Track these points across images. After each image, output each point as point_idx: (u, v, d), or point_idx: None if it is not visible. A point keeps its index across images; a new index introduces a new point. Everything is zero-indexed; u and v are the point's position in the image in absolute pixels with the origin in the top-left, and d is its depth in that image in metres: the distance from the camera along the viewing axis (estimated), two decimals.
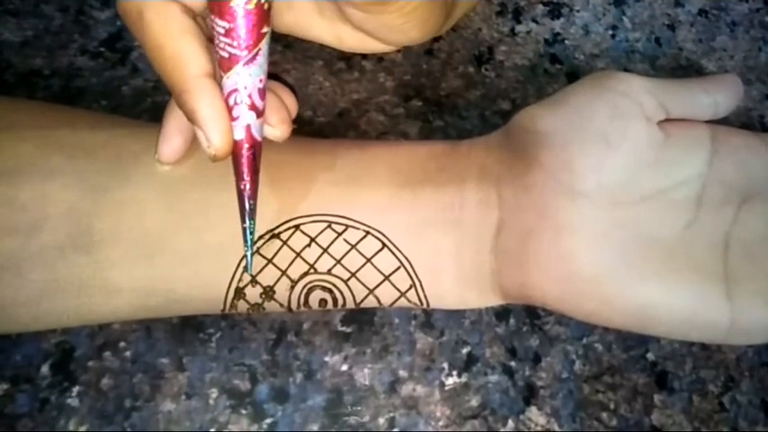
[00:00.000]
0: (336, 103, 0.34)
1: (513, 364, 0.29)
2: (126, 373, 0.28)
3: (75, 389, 0.28)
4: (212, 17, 0.22)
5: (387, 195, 0.28)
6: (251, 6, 0.22)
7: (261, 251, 0.27)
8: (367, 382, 0.29)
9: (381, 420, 0.28)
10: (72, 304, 0.26)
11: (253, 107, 0.23)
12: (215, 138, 0.23)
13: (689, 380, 0.30)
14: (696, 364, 0.30)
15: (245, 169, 0.24)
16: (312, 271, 0.27)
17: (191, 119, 0.23)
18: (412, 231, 0.27)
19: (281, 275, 0.27)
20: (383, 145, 0.30)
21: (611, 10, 0.37)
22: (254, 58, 0.23)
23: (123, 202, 0.26)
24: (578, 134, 0.27)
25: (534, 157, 0.27)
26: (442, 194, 0.28)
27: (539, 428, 0.28)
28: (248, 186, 0.24)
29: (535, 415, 0.29)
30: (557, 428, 0.28)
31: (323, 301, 0.28)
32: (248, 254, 0.25)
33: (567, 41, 0.36)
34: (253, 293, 0.27)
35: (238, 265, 0.27)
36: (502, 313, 0.30)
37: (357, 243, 0.27)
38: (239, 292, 0.27)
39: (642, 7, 0.37)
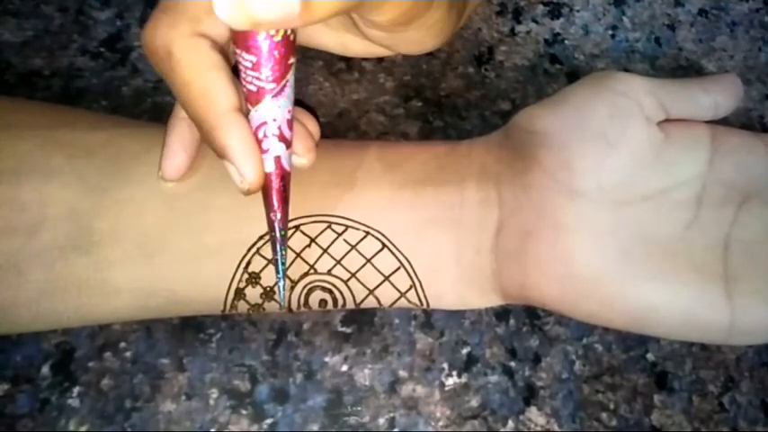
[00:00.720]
0: (336, 103, 0.34)
1: (512, 364, 0.29)
2: (126, 373, 0.28)
3: (76, 389, 0.28)
4: (238, 51, 0.22)
5: (387, 196, 0.28)
6: (278, 39, 0.21)
7: (261, 252, 0.27)
8: (367, 383, 0.29)
9: (381, 421, 0.28)
10: (72, 304, 0.26)
11: (282, 138, 0.23)
12: (248, 172, 0.23)
13: (689, 380, 0.30)
14: (696, 365, 0.30)
15: (275, 201, 0.24)
16: (312, 271, 0.27)
17: (221, 154, 0.23)
18: (412, 231, 0.27)
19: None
20: (383, 145, 0.30)
21: (611, 10, 0.37)
22: (282, 90, 0.22)
23: (123, 202, 0.26)
24: (578, 134, 0.27)
25: (534, 157, 0.27)
26: (442, 194, 0.28)
27: (539, 429, 0.28)
28: (279, 216, 0.24)
29: (535, 415, 0.29)
30: (556, 429, 0.28)
31: (323, 302, 0.28)
32: (281, 284, 0.25)
33: (566, 41, 0.36)
34: (253, 294, 0.27)
35: (238, 265, 0.27)
36: (502, 314, 0.30)
37: (357, 243, 0.27)
38: (239, 293, 0.27)
39: (642, 7, 0.37)
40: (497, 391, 0.29)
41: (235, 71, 0.23)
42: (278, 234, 0.24)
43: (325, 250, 0.27)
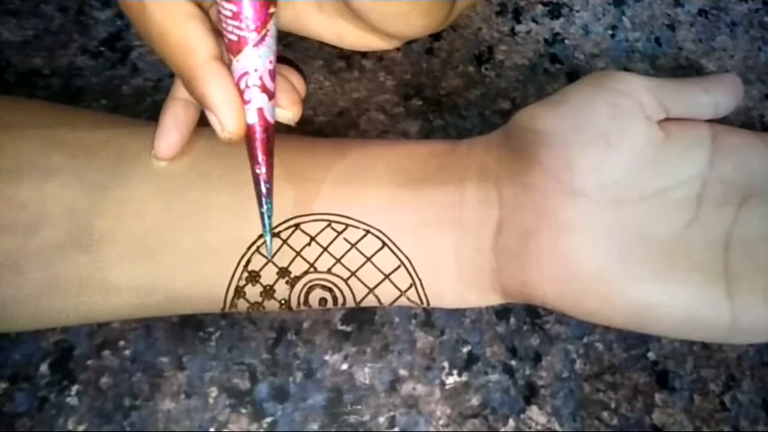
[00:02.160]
0: (336, 102, 0.34)
1: (513, 363, 0.29)
2: (125, 371, 0.28)
3: (75, 388, 0.28)
4: (219, 1, 0.22)
5: (387, 194, 0.28)
6: None
7: (260, 250, 0.27)
8: (367, 381, 0.29)
9: (381, 419, 0.28)
10: (71, 303, 0.26)
11: (264, 89, 0.23)
12: (228, 121, 0.23)
13: (690, 379, 0.30)
14: (697, 363, 0.30)
15: (260, 153, 0.24)
16: (312, 270, 0.27)
17: (202, 104, 0.23)
18: (412, 230, 0.27)
19: (282, 274, 0.27)
20: (383, 144, 0.30)
21: (611, 10, 0.37)
22: (262, 39, 0.22)
23: (123, 201, 0.26)
24: (578, 133, 0.27)
25: (534, 156, 0.27)
26: (442, 193, 0.28)
27: (539, 428, 0.28)
28: (264, 170, 0.24)
29: (536, 414, 0.28)
30: (557, 428, 0.28)
31: (323, 300, 0.28)
32: (267, 237, 0.25)
33: (566, 41, 0.36)
34: (253, 292, 0.27)
35: (238, 263, 0.27)
36: (502, 312, 0.30)
37: (357, 242, 0.27)
38: (239, 291, 0.27)
39: (642, 7, 0.37)
40: (498, 389, 0.29)
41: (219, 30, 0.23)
42: (263, 187, 0.24)
43: (325, 249, 0.27)
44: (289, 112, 0.26)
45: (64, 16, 0.34)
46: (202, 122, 0.32)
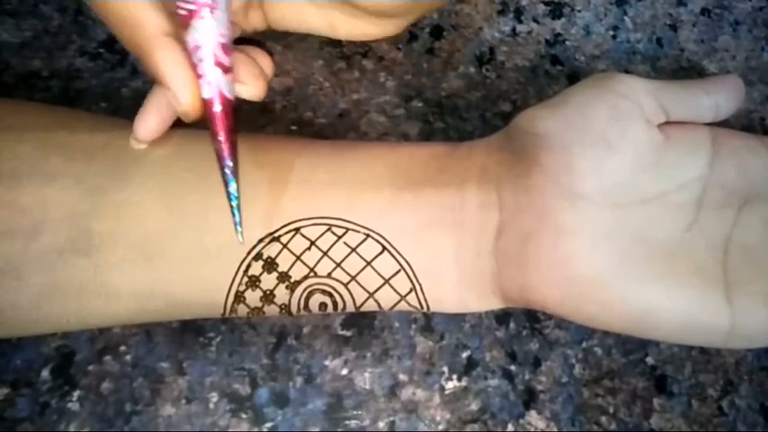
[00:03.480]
0: (336, 103, 0.34)
1: (512, 368, 0.29)
2: (126, 377, 0.28)
3: (76, 393, 0.28)
4: None
5: (387, 197, 0.28)
6: None
7: (261, 255, 0.27)
8: (367, 386, 0.29)
9: (381, 424, 0.28)
10: (72, 308, 0.26)
11: (218, 63, 0.23)
12: (182, 94, 0.23)
13: (688, 384, 0.30)
14: (695, 368, 0.30)
15: (219, 128, 0.24)
16: (312, 274, 0.27)
17: (157, 80, 0.23)
18: (412, 234, 0.27)
19: (282, 279, 0.27)
20: (383, 146, 0.30)
21: (613, 10, 0.37)
22: (211, 12, 0.23)
23: (123, 204, 0.26)
24: (578, 136, 0.26)
25: (534, 159, 0.27)
26: (442, 196, 0.28)
27: None
28: (225, 146, 0.24)
29: (535, 419, 0.29)
30: None
31: (323, 305, 0.28)
32: (236, 220, 0.25)
33: (567, 42, 0.36)
34: (253, 297, 0.27)
35: (238, 268, 0.27)
36: (502, 317, 0.30)
37: (357, 246, 0.27)
38: (239, 296, 0.27)
39: (644, 7, 0.37)
40: (497, 394, 0.29)
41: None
42: (226, 164, 0.24)
43: (325, 253, 0.27)
44: (251, 87, 0.26)
45: (62, 17, 0.34)
46: (203, 126, 0.32)
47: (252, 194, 0.27)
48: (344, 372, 0.29)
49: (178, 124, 0.32)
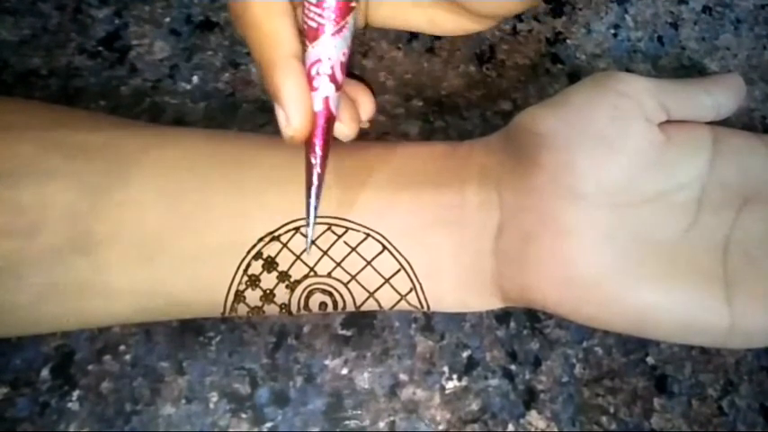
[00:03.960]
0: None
1: (513, 367, 0.29)
2: (126, 376, 0.28)
3: (76, 393, 0.28)
4: None
5: (387, 197, 0.28)
6: None
7: (261, 254, 0.27)
8: (367, 386, 0.29)
9: (381, 424, 0.28)
10: (72, 307, 0.26)
11: (333, 79, 0.24)
12: (295, 117, 0.23)
13: (688, 384, 0.30)
14: (695, 368, 0.30)
15: (319, 140, 0.24)
16: (312, 274, 0.27)
17: (274, 96, 0.24)
18: (412, 233, 0.27)
19: (282, 278, 0.27)
20: (383, 146, 0.30)
21: (614, 8, 0.36)
22: (340, 30, 0.23)
23: (122, 203, 0.26)
24: (579, 135, 0.26)
25: (535, 158, 0.27)
26: (442, 196, 0.28)
27: None
28: (319, 159, 0.24)
29: (535, 419, 0.29)
30: None
31: (323, 305, 0.28)
32: (309, 229, 0.25)
33: (568, 41, 0.35)
34: (253, 297, 0.27)
35: (238, 267, 0.27)
36: (502, 317, 0.30)
37: (357, 245, 0.27)
38: (239, 296, 0.27)
39: (645, 5, 0.37)
40: (498, 394, 0.29)
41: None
42: (314, 176, 0.24)
43: (325, 252, 0.27)
44: (346, 129, 0.26)
45: (61, 15, 0.34)
46: (204, 125, 0.32)
47: (252, 193, 0.27)
48: (344, 371, 0.29)
49: (178, 124, 0.32)
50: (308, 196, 0.25)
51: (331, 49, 0.23)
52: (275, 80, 0.23)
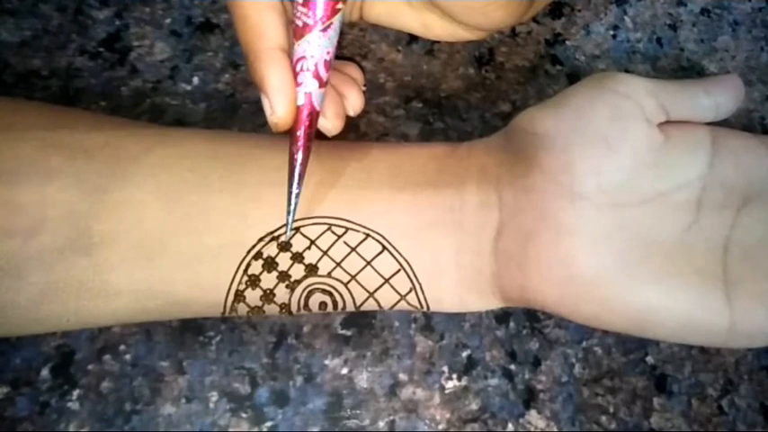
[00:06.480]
0: None
1: (512, 367, 0.29)
2: (126, 376, 0.28)
3: (76, 392, 0.28)
4: None
5: (387, 197, 0.28)
6: None
7: (261, 254, 0.27)
8: (367, 386, 0.29)
9: (381, 424, 0.28)
10: (72, 307, 0.26)
11: (317, 76, 0.25)
12: (279, 106, 0.24)
13: (688, 383, 0.30)
14: (695, 368, 0.30)
15: (301, 134, 0.25)
16: (312, 274, 0.27)
17: (260, 86, 0.25)
18: (412, 234, 0.27)
19: (282, 278, 0.27)
20: (383, 147, 0.30)
21: (613, 9, 0.37)
22: (325, 29, 0.24)
23: (122, 203, 0.26)
24: (578, 136, 0.26)
25: (534, 159, 0.27)
26: (441, 196, 0.28)
27: None
28: (301, 153, 0.25)
29: (535, 418, 0.29)
30: None
31: (323, 304, 0.28)
32: (289, 218, 0.26)
33: (567, 42, 0.36)
34: (253, 296, 0.27)
35: (238, 267, 0.27)
36: (502, 316, 0.30)
37: (357, 246, 0.27)
38: (239, 295, 0.27)
39: (644, 6, 0.37)
40: (497, 394, 0.29)
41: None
42: (297, 168, 0.25)
43: (325, 252, 0.27)
44: (328, 124, 0.27)
45: (62, 16, 0.34)
46: (204, 125, 0.32)
47: (252, 194, 0.27)
48: (344, 371, 0.29)
49: (179, 124, 0.33)
50: (290, 186, 0.25)
51: (315, 48, 0.25)
52: (260, 70, 0.24)
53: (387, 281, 0.27)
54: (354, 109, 0.28)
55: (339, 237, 0.27)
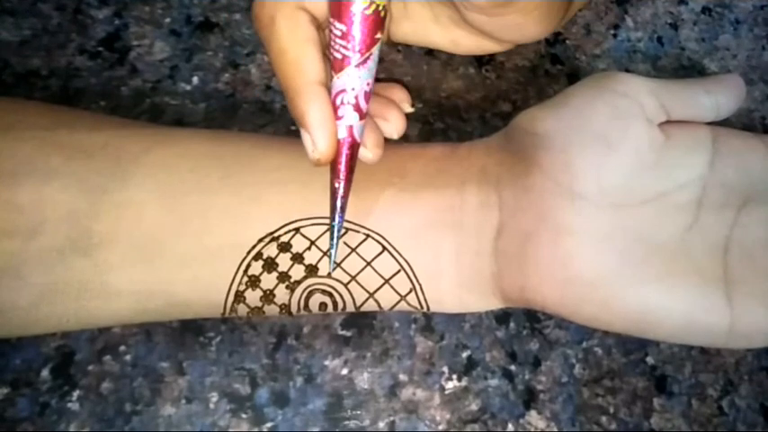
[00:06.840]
0: None
1: (513, 367, 0.29)
2: (126, 377, 0.28)
3: (76, 393, 0.28)
4: (331, 20, 0.24)
5: (387, 198, 0.28)
6: (369, 12, 0.23)
7: (261, 255, 0.27)
8: (367, 386, 0.29)
9: (381, 424, 0.28)
10: (71, 307, 0.26)
11: (357, 108, 0.25)
12: (321, 141, 0.24)
13: (688, 384, 0.30)
14: (695, 368, 0.30)
15: (343, 167, 0.25)
16: (312, 274, 0.27)
17: (300, 122, 0.25)
18: (412, 234, 0.27)
19: (282, 279, 0.27)
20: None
21: (614, 8, 0.36)
22: (365, 61, 0.24)
23: (122, 204, 0.26)
24: (578, 136, 0.26)
25: (534, 159, 0.27)
26: (442, 197, 0.28)
27: None
28: (342, 185, 0.25)
29: (535, 419, 0.29)
30: None
31: (323, 305, 0.28)
32: (332, 252, 0.26)
33: (568, 41, 0.35)
34: (253, 297, 0.27)
35: (238, 268, 0.27)
36: (502, 317, 0.30)
37: (357, 246, 0.27)
38: (239, 296, 0.27)
39: (645, 5, 0.37)
40: (497, 394, 0.29)
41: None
42: (338, 201, 0.25)
43: (325, 253, 0.27)
44: (370, 154, 0.27)
45: (62, 15, 0.34)
46: (204, 125, 0.32)
47: (252, 194, 0.27)
48: (344, 372, 0.29)
49: (178, 124, 0.33)
50: (332, 219, 0.26)
51: (355, 80, 0.24)
52: (300, 106, 0.24)
53: (387, 281, 0.27)
54: (398, 132, 0.28)
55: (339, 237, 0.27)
